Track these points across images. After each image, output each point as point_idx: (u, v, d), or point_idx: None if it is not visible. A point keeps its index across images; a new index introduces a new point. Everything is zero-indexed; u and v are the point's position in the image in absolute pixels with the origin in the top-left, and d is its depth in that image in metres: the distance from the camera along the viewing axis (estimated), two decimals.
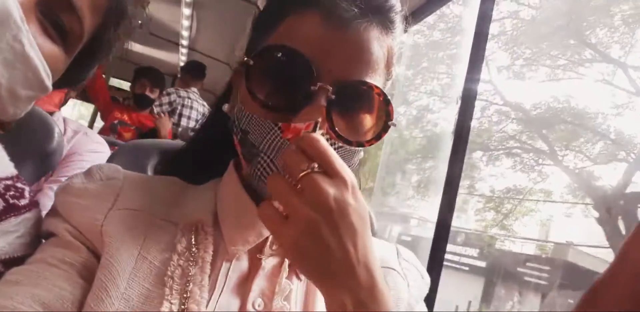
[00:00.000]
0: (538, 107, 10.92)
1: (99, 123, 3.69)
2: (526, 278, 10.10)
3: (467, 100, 1.85)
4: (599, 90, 10.47)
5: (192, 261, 0.52)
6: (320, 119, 0.50)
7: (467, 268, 11.01)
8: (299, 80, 0.52)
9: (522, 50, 11.34)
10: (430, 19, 11.19)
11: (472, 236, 11.64)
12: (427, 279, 0.70)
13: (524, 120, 11.10)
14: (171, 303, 0.48)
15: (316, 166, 0.44)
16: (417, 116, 11.73)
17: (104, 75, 3.22)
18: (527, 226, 10.84)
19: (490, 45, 11.22)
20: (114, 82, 4.42)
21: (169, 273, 0.51)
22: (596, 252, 8.96)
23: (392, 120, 0.55)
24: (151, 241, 0.53)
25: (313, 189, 0.43)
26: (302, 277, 0.58)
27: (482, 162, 11.13)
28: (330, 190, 0.43)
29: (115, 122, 3.18)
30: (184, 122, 3.22)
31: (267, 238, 0.57)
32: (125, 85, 4.30)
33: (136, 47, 4.39)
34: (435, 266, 1.80)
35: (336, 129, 0.52)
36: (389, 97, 0.54)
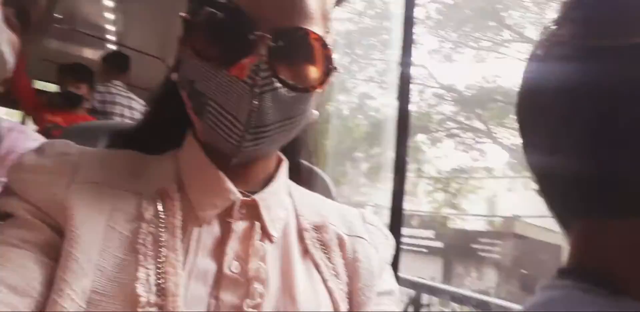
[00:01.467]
0: (471, 87, 11.36)
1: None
2: (480, 253, 10.54)
3: (404, 85, 1.90)
4: (522, 68, 11.06)
5: (162, 227, 0.53)
6: (264, 53, 0.51)
7: (425, 250, 11.32)
8: (236, 31, 0.53)
9: (448, 34, 11.74)
10: (359, 6, 11.33)
11: (426, 218, 11.98)
12: (392, 240, 0.72)
13: (459, 101, 11.52)
14: (147, 268, 0.49)
15: None
16: (358, 104, 11.87)
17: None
18: (475, 203, 11.33)
19: (418, 30, 11.52)
20: (39, 84, 4.09)
21: (140, 241, 0.51)
22: (542, 223, 9.46)
23: (332, 64, 0.56)
24: (117, 212, 0.53)
25: None
26: (275, 240, 0.58)
27: (425, 145, 11.48)
28: None
29: (49, 125, 2.94)
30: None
31: (234, 202, 0.57)
32: (51, 88, 3.99)
33: (59, 45, 4.10)
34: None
35: (280, 76, 0.53)
36: (328, 44, 0.56)
